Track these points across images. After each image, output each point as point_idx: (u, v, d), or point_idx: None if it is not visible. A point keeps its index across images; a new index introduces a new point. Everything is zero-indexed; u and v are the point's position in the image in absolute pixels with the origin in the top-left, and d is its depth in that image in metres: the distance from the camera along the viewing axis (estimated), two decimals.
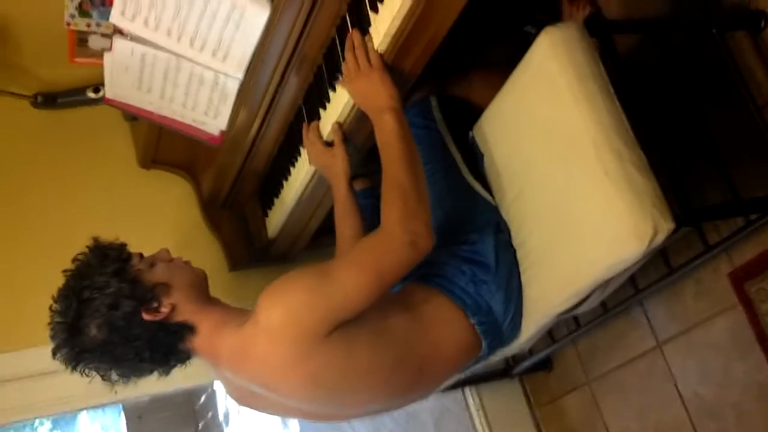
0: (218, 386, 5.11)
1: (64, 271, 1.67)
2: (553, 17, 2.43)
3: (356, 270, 1.61)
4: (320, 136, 2.02)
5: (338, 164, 1.95)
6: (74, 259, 1.68)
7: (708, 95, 2.06)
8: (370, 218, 1.98)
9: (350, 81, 1.79)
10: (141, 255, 1.70)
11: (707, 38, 1.90)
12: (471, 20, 1.70)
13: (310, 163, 2.10)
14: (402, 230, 1.63)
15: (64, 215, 2.61)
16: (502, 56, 2.65)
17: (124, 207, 2.69)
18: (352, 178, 2.03)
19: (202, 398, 6.38)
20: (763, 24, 1.93)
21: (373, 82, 1.73)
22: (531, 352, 2.58)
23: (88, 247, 1.68)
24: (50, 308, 1.65)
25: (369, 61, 1.74)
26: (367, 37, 1.78)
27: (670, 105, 2.13)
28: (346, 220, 1.99)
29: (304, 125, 2.06)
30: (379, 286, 1.62)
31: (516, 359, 2.68)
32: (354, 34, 1.78)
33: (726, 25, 1.92)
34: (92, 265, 1.64)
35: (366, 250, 1.65)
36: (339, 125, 1.94)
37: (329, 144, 1.99)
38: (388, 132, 1.71)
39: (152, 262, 1.69)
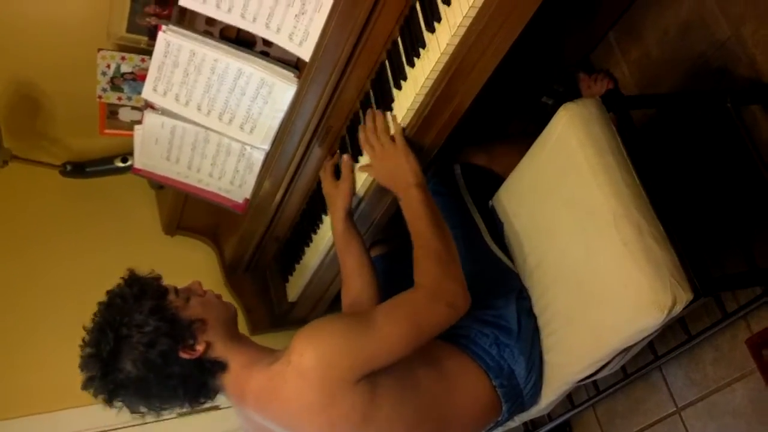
0: None
1: (99, 302, 1.65)
2: (569, 88, 2.50)
3: (396, 321, 1.62)
4: (333, 168, 2.05)
5: (340, 198, 1.98)
6: (109, 291, 1.66)
7: (724, 167, 2.10)
8: (384, 283, 2.01)
9: (376, 161, 1.85)
10: (176, 289, 1.69)
11: (722, 112, 1.94)
12: (491, 92, 1.76)
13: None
14: (442, 291, 1.67)
15: (89, 281, 2.61)
16: (521, 126, 2.73)
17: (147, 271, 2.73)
18: (372, 244, 2.04)
19: None
20: None
21: (398, 162, 1.80)
22: (550, 416, 2.58)
23: (123, 278, 1.66)
24: (83, 339, 1.63)
25: (393, 139, 1.82)
26: (389, 114, 1.84)
27: (686, 177, 2.17)
28: (345, 253, 1.99)
29: (327, 158, 2.09)
30: (416, 340, 1.64)
31: (535, 424, 2.68)
32: (377, 117, 1.85)
33: (740, 99, 1.96)
34: (129, 300, 1.61)
35: (406, 304, 1.67)
36: (350, 160, 1.98)
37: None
38: (416, 206, 1.77)
39: (187, 296, 1.68)
